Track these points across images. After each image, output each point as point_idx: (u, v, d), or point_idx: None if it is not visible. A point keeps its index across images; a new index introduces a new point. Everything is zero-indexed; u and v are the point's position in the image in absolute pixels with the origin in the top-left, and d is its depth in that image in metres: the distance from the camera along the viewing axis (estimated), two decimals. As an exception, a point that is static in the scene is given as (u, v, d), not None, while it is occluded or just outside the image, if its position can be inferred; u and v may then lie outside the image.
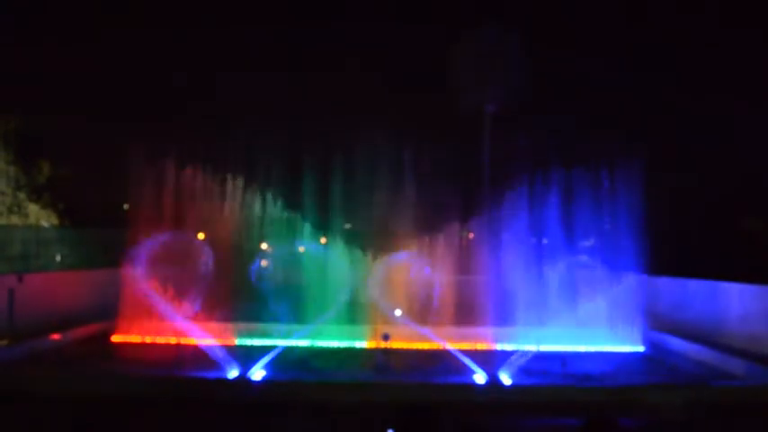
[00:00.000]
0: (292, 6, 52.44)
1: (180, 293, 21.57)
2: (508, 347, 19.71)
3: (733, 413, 13.30)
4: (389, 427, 7.37)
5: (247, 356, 18.51)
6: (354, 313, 21.14)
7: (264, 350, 19.28)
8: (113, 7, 45.41)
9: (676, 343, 19.55)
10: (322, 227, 23.69)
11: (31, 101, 32.78)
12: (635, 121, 38.34)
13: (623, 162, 20.69)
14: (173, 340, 20.28)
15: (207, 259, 22.26)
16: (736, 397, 14.13)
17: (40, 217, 28.88)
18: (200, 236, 23.20)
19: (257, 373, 15.81)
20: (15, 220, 28.39)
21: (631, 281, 20.05)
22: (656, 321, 20.69)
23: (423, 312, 21.37)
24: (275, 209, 23.33)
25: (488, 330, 20.34)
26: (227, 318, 20.96)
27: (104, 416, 12.57)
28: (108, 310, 20.61)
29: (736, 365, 16.57)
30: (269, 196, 23.24)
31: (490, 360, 18.11)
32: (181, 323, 20.69)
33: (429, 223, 23.78)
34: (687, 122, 36.79)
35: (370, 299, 21.72)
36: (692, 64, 41.07)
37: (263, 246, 24.65)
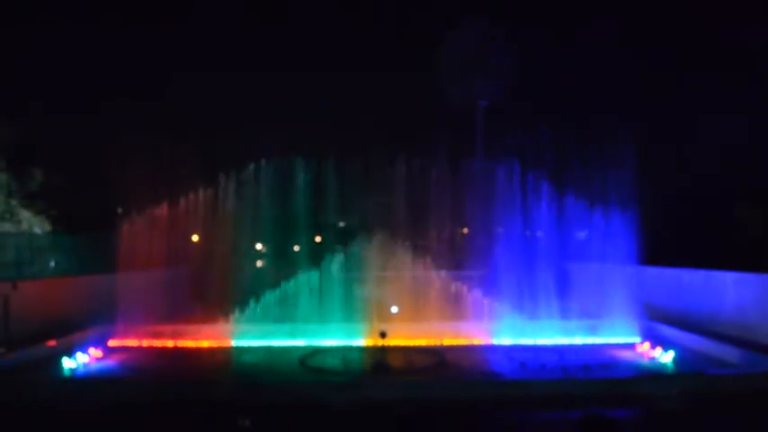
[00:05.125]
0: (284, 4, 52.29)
1: (177, 295, 21.56)
2: (505, 342, 19.79)
3: (730, 401, 13.32)
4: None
5: (244, 357, 18.55)
6: (350, 311, 21.14)
7: (261, 350, 19.33)
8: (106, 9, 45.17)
9: (672, 333, 19.58)
10: (316, 225, 23.65)
11: (23, 106, 32.60)
12: (627, 108, 38.42)
13: (615, 151, 20.72)
14: (169, 343, 20.22)
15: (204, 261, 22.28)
16: (733, 385, 14.15)
17: (33, 224, 28.75)
18: (194, 238, 23.16)
19: (254, 374, 15.84)
20: (8, 227, 28.26)
21: (626, 272, 20.09)
22: (652, 312, 20.73)
23: (419, 309, 21.39)
24: (269, 209, 23.24)
25: (484, 325, 20.35)
26: (224, 319, 20.91)
27: (102, 421, 12.59)
28: (104, 315, 20.51)
29: (731, 354, 16.61)
30: (263, 196, 23.15)
31: (487, 355, 18.18)
32: (177, 325, 20.70)
33: (422, 219, 23.78)
34: (679, 110, 36.90)
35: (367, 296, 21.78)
36: (684, 52, 41.14)
37: (258, 246, 24.59)
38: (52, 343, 18.61)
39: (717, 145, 31.53)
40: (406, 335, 19.59)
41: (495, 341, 19.85)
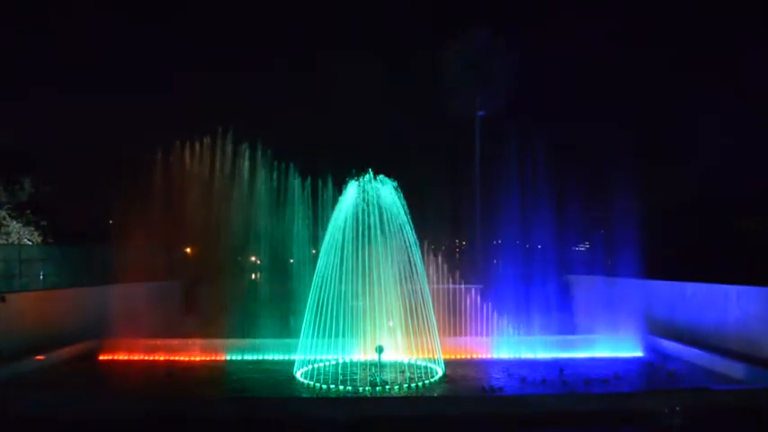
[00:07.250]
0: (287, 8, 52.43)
1: (169, 309, 21.19)
2: (505, 356, 19.44)
3: (734, 417, 13.07)
4: None
5: (236, 372, 18.14)
6: (346, 325, 20.73)
7: (254, 365, 18.94)
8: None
9: (675, 347, 19.28)
10: (312, 238, 23.34)
11: (11, 115, 32.42)
12: (630, 122, 38.41)
13: (618, 165, 20.58)
14: (161, 358, 19.80)
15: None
16: (737, 400, 13.87)
17: (23, 235, 28.37)
18: (188, 250, 22.86)
19: (246, 389, 15.48)
20: (-3, 239, 27.90)
21: (628, 285, 19.83)
22: (655, 326, 20.43)
23: (417, 323, 21.00)
24: (264, 220, 22.95)
25: (484, 340, 20.02)
26: (217, 333, 20.50)
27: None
28: (95, 329, 20.13)
29: (735, 368, 16.35)
30: (259, 208, 22.87)
31: (487, 370, 17.84)
32: (168, 340, 20.30)
33: (421, 231, 23.48)
34: (685, 124, 36.94)
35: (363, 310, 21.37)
36: (688, 67, 41.30)
37: (252, 258, 24.28)
38: (40, 357, 18.23)
39: (718, 154, 31.44)
40: (404, 350, 19.19)
41: (496, 356, 19.53)
